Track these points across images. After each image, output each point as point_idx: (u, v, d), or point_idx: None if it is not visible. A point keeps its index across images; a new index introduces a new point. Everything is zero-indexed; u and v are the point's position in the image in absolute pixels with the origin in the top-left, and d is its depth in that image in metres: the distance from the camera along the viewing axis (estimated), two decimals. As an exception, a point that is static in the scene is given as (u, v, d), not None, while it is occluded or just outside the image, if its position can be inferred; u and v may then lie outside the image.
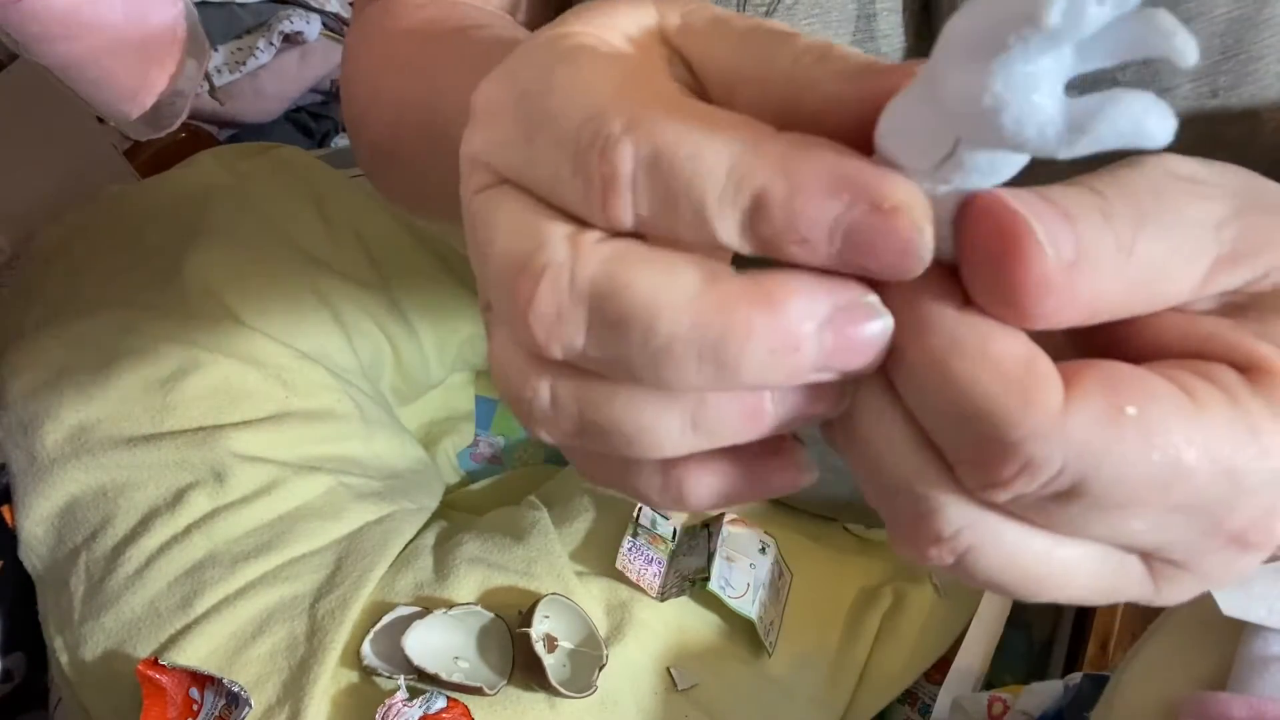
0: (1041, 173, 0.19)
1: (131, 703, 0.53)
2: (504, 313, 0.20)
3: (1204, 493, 0.18)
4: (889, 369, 0.19)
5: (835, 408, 0.21)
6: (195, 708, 0.52)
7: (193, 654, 0.54)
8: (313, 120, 1.15)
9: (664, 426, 0.20)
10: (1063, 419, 0.18)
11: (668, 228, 0.19)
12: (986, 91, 0.16)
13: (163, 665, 0.53)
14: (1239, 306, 0.21)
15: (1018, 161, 0.18)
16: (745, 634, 0.60)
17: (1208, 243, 0.20)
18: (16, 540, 0.61)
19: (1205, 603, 0.46)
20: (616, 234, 0.19)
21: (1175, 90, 0.40)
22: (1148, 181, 0.20)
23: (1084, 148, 0.16)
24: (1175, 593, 0.21)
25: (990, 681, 0.66)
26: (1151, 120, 0.16)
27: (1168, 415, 0.18)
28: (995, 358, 0.18)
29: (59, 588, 0.59)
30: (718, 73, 0.22)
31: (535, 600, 0.56)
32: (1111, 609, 0.64)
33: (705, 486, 0.21)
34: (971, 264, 0.19)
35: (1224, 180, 0.21)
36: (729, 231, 0.18)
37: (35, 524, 0.60)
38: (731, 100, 0.21)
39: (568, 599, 0.57)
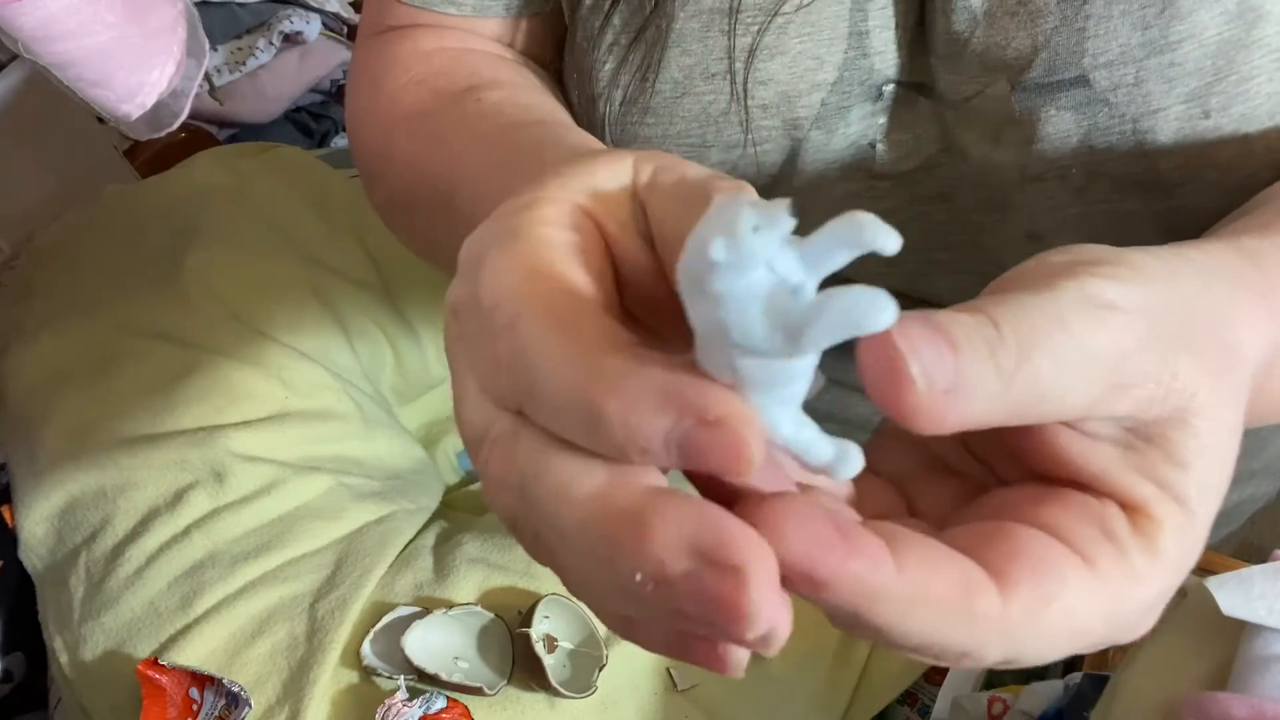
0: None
1: (131, 703, 0.53)
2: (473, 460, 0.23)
3: (1094, 640, 0.22)
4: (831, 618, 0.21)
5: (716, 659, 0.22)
6: (195, 708, 0.52)
7: (193, 654, 0.54)
8: (313, 120, 1.15)
9: (589, 586, 0.22)
10: (1003, 622, 0.20)
11: (535, 419, 0.21)
12: (712, 316, 0.19)
13: (162, 665, 0.53)
14: (1135, 433, 0.23)
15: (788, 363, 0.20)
16: (745, 634, 0.60)
17: (1099, 372, 0.21)
18: (16, 540, 0.61)
19: (1205, 603, 0.46)
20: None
21: (1166, 111, 0.41)
22: (1055, 308, 0.21)
23: (811, 346, 0.18)
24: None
25: (990, 681, 0.66)
26: (867, 314, 0.18)
27: (1079, 597, 0.21)
28: (934, 598, 0.20)
29: (59, 588, 0.59)
30: (661, 233, 0.24)
31: (535, 600, 0.56)
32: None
33: (643, 636, 0.23)
34: (869, 382, 0.20)
35: (1147, 304, 0.22)
36: (578, 437, 0.20)
37: (35, 524, 0.60)
38: (667, 256, 0.24)
39: (568, 599, 0.57)
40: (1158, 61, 0.40)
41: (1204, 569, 0.63)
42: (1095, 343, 0.21)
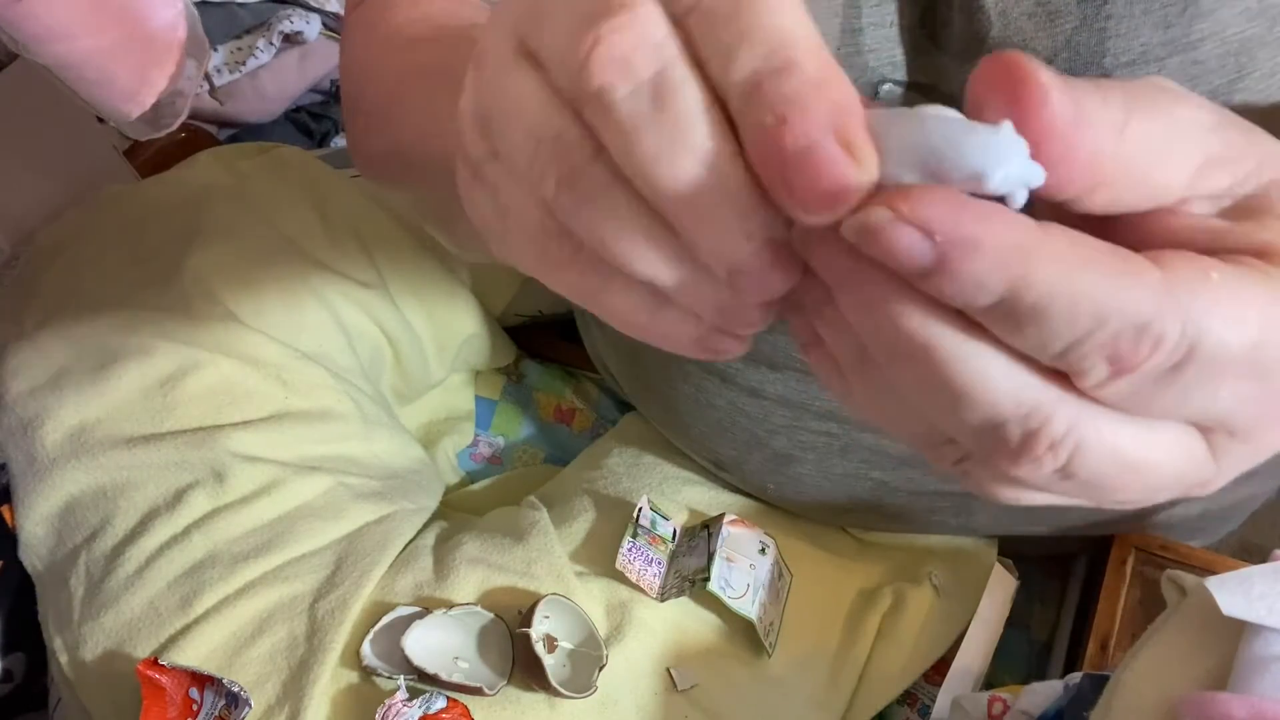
0: None
1: (131, 703, 0.53)
2: (525, 172, 0.23)
3: (1274, 356, 0.20)
4: (979, 315, 0.20)
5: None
6: (195, 708, 0.52)
7: (193, 654, 0.54)
8: (313, 120, 1.15)
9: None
10: (1169, 290, 0.19)
11: (706, 32, 0.21)
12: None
13: (162, 665, 0.53)
14: (1236, 209, 0.22)
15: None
16: (745, 634, 0.60)
17: (1197, 139, 0.21)
18: (16, 540, 0.61)
19: (1205, 603, 0.46)
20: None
21: None
22: (1137, 85, 0.21)
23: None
24: (1231, 467, 0.23)
25: (990, 681, 0.66)
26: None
27: (1245, 281, 0.20)
28: (1092, 261, 0.19)
29: (59, 588, 0.59)
30: None
31: (535, 600, 0.56)
32: (1111, 609, 0.64)
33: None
34: (994, 104, 0.20)
35: (1207, 103, 0.22)
36: (749, 62, 0.20)
37: (35, 524, 0.60)
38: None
39: (568, 599, 0.57)
40: (1180, 60, 0.40)
41: (1204, 569, 0.63)
42: (1183, 114, 0.21)
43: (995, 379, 0.20)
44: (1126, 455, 0.21)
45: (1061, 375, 0.21)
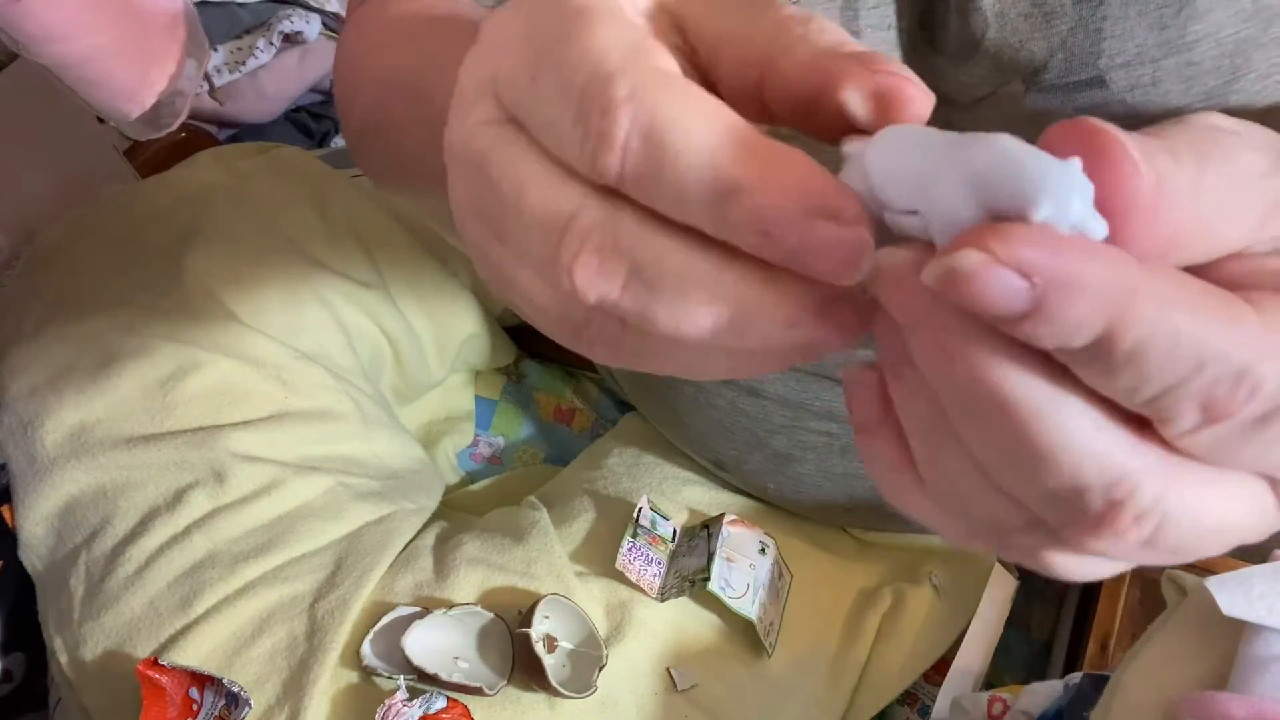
0: None
1: (131, 703, 0.53)
2: (539, 260, 0.22)
3: None
4: (1068, 358, 0.19)
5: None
6: (195, 708, 0.52)
7: (193, 654, 0.54)
8: (313, 120, 1.15)
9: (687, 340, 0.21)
10: (1267, 334, 0.18)
11: (646, 193, 0.20)
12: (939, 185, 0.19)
13: (162, 665, 0.53)
14: None
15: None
16: (745, 634, 0.60)
17: (1259, 188, 0.20)
18: (16, 540, 0.61)
19: (1205, 603, 0.46)
20: (600, 186, 0.21)
21: (1184, 111, 0.40)
22: (1199, 132, 0.20)
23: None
24: None
25: (990, 681, 0.66)
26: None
27: None
28: (1193, 303, 0.18)
29: (59, 588, 0.59)
30: (706, 36, 0.24)
31: (535, 600, 0.56)
32: (1111, 609, 0.64)
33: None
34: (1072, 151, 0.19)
35: (1260, 135, 0.21)
36: (699, 210, 0.20)
37: (35, 524, 0.60)
38: (716, 62, 0.23)
39: (568, 599, 0.57)
40: (1175, 61, 0.40)
41: (1204, 569, 0.63)
42: (1244, 162, 0.21)
43: (1080, 435, 0.19)
44: (1211, 519, 0.20)
45: (1149, 431, 0.19)
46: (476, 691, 0.53)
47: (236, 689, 0.52)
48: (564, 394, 0.84)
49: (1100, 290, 0.18)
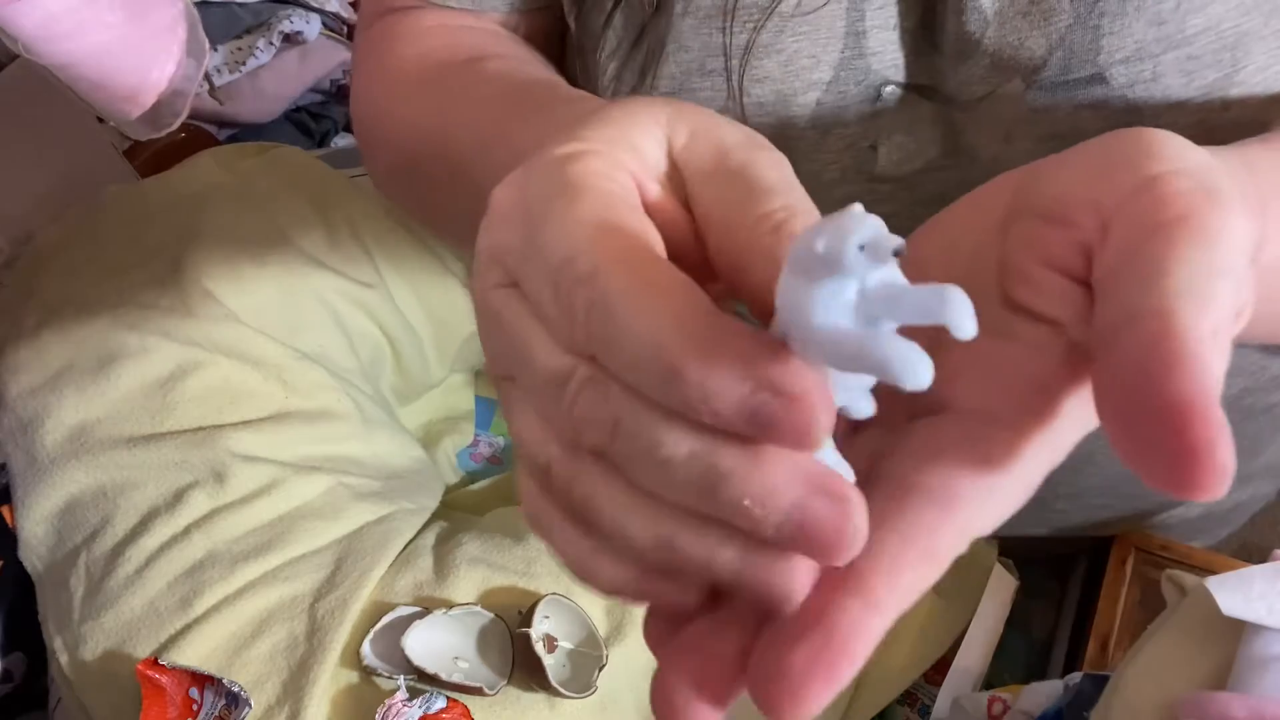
0: None
1: (131, 703, 0.53)
2: (542, 401, 0.23)
3: None
4: None
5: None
6: (195, 708, 0.52)
7: (192, 654, 0.54)
8: (313, 120, 1.15)
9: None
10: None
11: (609, 365, 0.21)
12: (800, 299, 0.20)
13: (162, 665, 0.53)
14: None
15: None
16: (745, 634, 0.60)
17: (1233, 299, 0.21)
18: (16, 540, 0.61)
19: (1205, 603, 0.46)
20: None
21: (1186, 105, 0.40)
22: (1205, 265, 0.21)
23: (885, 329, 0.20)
24: None
25: (990, 681, 0.66)
26: (945, 307, 0.19)
27: None
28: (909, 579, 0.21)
29: (59, 588, 0.59)
30: (698, 207, 0.25)
31: (535, 600, 0.56)
32: (1111, 609, 0.64)
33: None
34: (1143, 443, 0.19)
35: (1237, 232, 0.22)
36: (651, 389, 0.20)
37: (35, 524, 0.60)
38: (705, 232, 0.24)
39: (568, 599, 0.57)
40: (1175, 56, 0.40)
41: (1204, 569, 0.63)
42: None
43: None
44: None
45: None
46: (476, 691, 0.53)
47: (236, 689, 0.52)
48: (564, 394, 0.84)
49: None
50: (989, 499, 0.22)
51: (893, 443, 0.23)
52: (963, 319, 0.19)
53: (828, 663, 0.20)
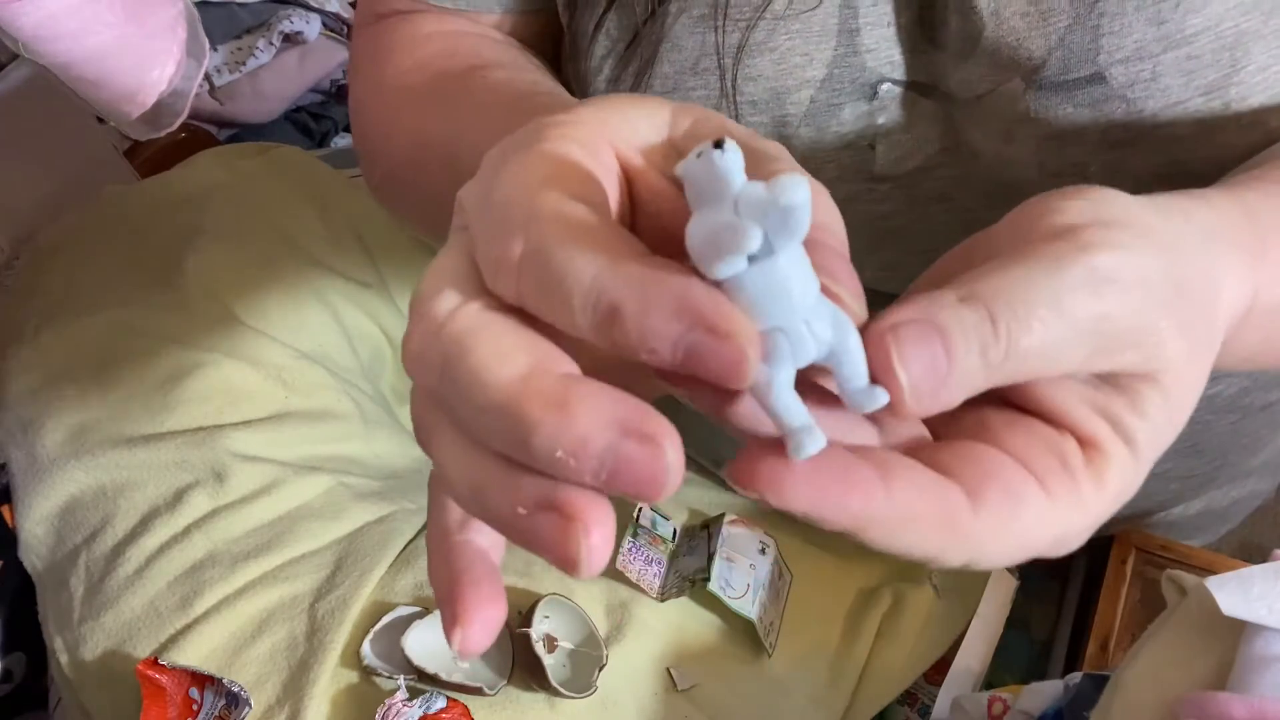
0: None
1: (131, 703, 0.53)
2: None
3: (1038, 551, 0.24)
4: None
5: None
6: (195, 708, 0.52)
7: (193, 654, 0.54)
8: (313, 120, 1.15)
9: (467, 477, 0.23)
10: (971, 534, 0.23)
11: (540, 312, 0.22)
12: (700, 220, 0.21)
13: (162, 665, 0.53)
14: (1104, 379, 0.25)
15: None
16: (745, 634, 0.60)
17: (1089, 343, 0.23)
18: (16, 540, 0.61)
19: (1205, 603, 0.46)
20: (507, 306, 0.22)
21: (1185, 105, 0.40)
22: (1053, 289, 0.23)
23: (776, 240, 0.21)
24: None
25: (990, 681, 0.66)
26: (788, 192, 0.20)
27: (1035, 517, 0.23)
28: (918, 517, 0.22)
29: (59, 588, 0.59)
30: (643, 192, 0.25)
31: (535, 600, 0.56)
32: (1111, 609, 0.64)
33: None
34: (874, 369, 0.23)
35: (1145, 275, 0.24)
36: (586, 331, 0.21)
37: (35, 524, 0.60)
38: (675, 215, 0.24)
39: (568, 599, 0.57)
40: (1174, 55, 0.40)
41: (1204, 569, 0.63)
42: (1089, 317, 0.23)
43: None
44: None
45: None
46: (476, 691, 0.53)
47: (237, 689, 0.52)
48: (564, 394, 0.84)
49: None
50: (1030, 530, 0.24)
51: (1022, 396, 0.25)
52: (795, 194, 0.20)
53: (822, 485, 0.21)
